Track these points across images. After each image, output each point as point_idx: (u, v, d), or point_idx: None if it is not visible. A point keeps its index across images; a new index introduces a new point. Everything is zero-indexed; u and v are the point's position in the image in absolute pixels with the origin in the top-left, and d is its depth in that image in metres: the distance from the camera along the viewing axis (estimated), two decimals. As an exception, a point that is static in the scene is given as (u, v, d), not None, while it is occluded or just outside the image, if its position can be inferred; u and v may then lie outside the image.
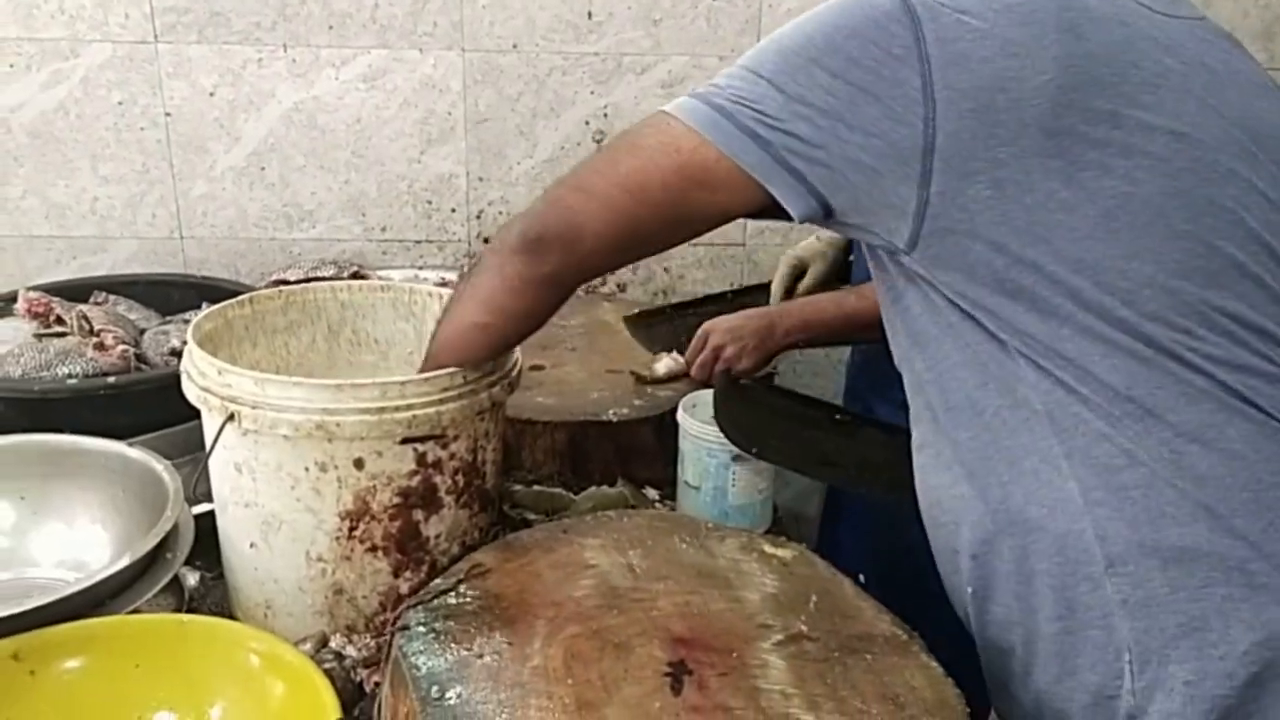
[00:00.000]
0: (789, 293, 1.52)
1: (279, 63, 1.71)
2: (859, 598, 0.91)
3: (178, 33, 1.68)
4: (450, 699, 0.73)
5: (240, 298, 1.13)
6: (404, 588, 1.00)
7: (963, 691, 0.82)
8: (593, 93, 1.76)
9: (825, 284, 1.53)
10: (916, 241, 0.80)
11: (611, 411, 1.31)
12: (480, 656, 0.78)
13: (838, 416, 1.29)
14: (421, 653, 0.78)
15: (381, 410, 0.94)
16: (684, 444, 1.23)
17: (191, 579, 1.12)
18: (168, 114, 1.72)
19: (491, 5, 1.70)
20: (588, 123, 1.78)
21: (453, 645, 0.79)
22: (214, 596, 1.10)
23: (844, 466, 1.22)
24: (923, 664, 0.85)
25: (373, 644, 1.00)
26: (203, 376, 0.97)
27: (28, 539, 1.11)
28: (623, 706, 0.75)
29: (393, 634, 0.80)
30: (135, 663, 0.90)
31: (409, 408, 0.95)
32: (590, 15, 1.71)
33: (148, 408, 1.27)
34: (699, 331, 1.37)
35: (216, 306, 1.10)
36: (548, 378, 1.43)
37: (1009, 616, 0.87)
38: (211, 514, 1.08)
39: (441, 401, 0.96)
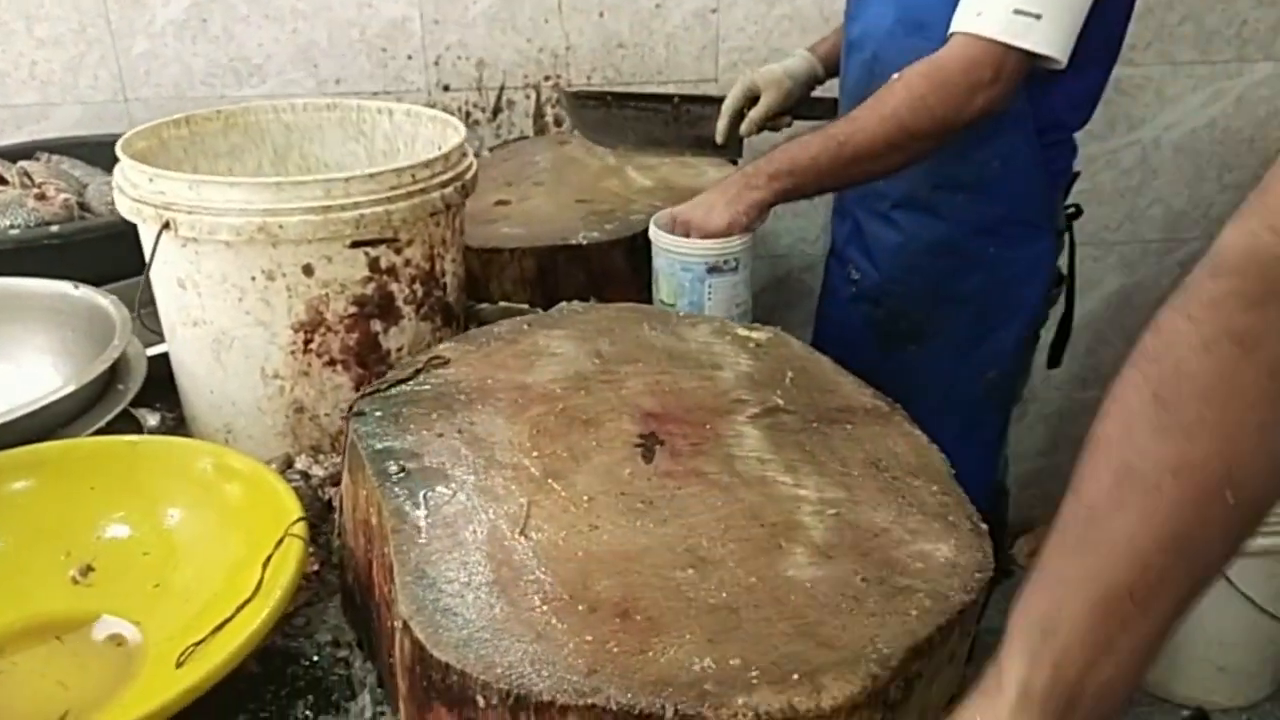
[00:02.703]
0: (739, 115, 1.47)
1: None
2: (838, 374, 0.87)
3: (102, -125, 1.58)
4: (410, 470, 0.70)
5: (175, 116, 1.07)
6: (364, 405, 0.96)
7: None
8: (548, -80, 1.67)
9: (776, 114, 1.49)
10: None
11: (581, 235, 1.26)
12: (441, 435, 0.74)
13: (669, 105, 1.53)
14: (377, 435, 0.74)
15: (327, 209, 0.88)
16: (658, 260, 1.18)
17: (151, 419, 1.07)
18: (100, -34, 1.63)
19: None
20: (545, -47, 1.69)
21: (411, 427, 0.75)
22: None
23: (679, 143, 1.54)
24: (906, 432, 0.81)
25: (339, 461, 0.96)
26: (134, 187, 0.92)
27: (-29, 383, 1.07)
28: (592, 474, 0.72)
29: (348, 419, 0.76)
30: (89, 484, 0.87)
31: (355, 206, 0.89)
32: None
33: (93, 256, 1.21)
34: (669, 214, 1.22)
35: (150, 124, 1.04)
36: (514, 211, 1.37)
37: None
38: (167, 356, 1.04)
39: (390, 200, 0.91)
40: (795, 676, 0.57)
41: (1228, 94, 1.91)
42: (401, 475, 0.70)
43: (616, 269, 1.26)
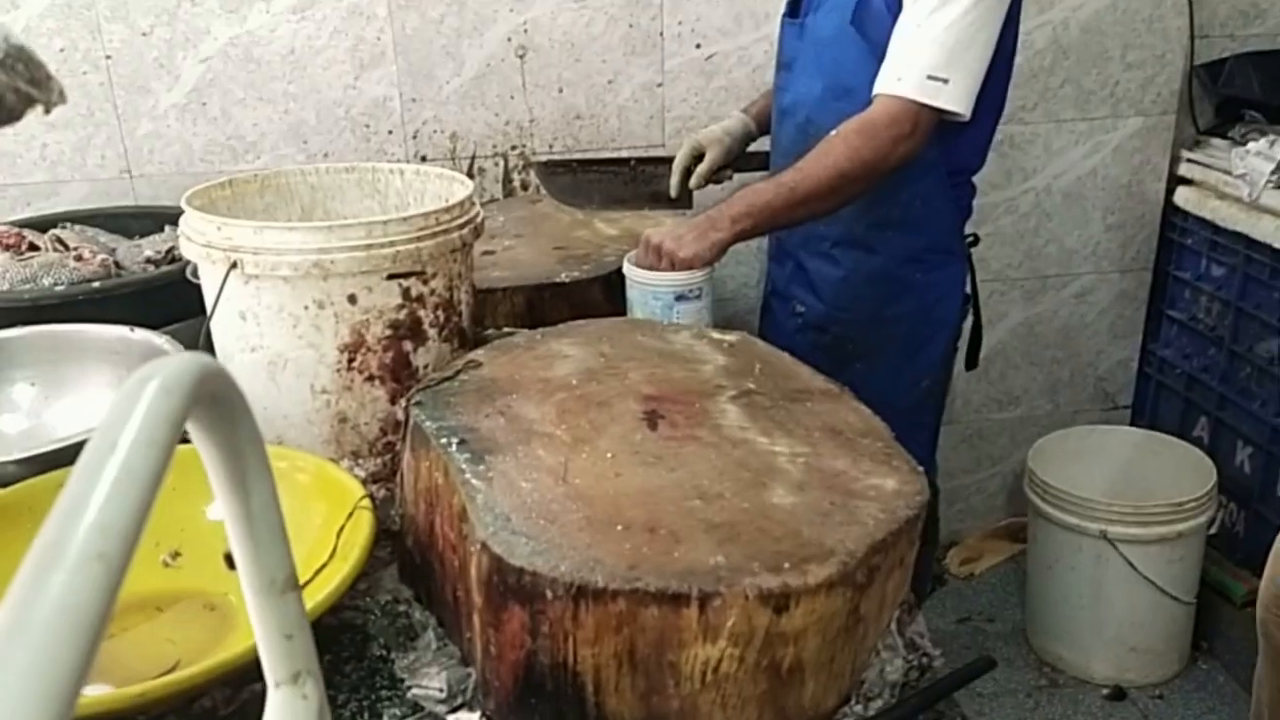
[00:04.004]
0: (687, 172, 1.69)
1: (211, 0, 1.80)
2: (796, 365, 1.07)
3: (111, -22, 1.77)
4: (467, 441, 0.87)
5: (221, 180, 1.24)
6: (399, 414, 1.13)
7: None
8: (511, 10, 1.89)
9: (719, 169, 1.70)
10: None
11: (564, 274, 1.45)
12: (487, 416, 0.92)
13: (627, 167, 1.73)
14: (435, 417, 0.92)
15: (370, 247, 1.07)
16: (631, 292, 1.38)
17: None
18: (108, 57, 1.81)
19: (409, -69, 1.82)
20: (509, 39, 1.91)
21: (461, 412, 0.93)
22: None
23: (638, 199, 1.74)
24: (854, 407, 1.01)
25: (378, 463, 1.13)
26: (202, 235, 1.09)
27: (43, 419, 1.21)
28: (610, 439, 0.90)
29: (408, 408, 0.94)
30: (171, 485, 1.01)
31: (392, 244, 1.08)
32: (495, -65, 1.84)
33: (134, 310, 1.37)
34: (642, 238, 1.42)
35: (201, 186, 1.21)
36: (500, 258, 1.56)
37: None
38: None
39: (420, 239, 1.09)
40: (786, 565, 0.75)
41: (1106, 146, 2.20)
42: (461, 444, 0.88)
43: (596, 302, 1.45)
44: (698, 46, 1.97)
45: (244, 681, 0.82)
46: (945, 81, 1.37)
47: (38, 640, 0.22)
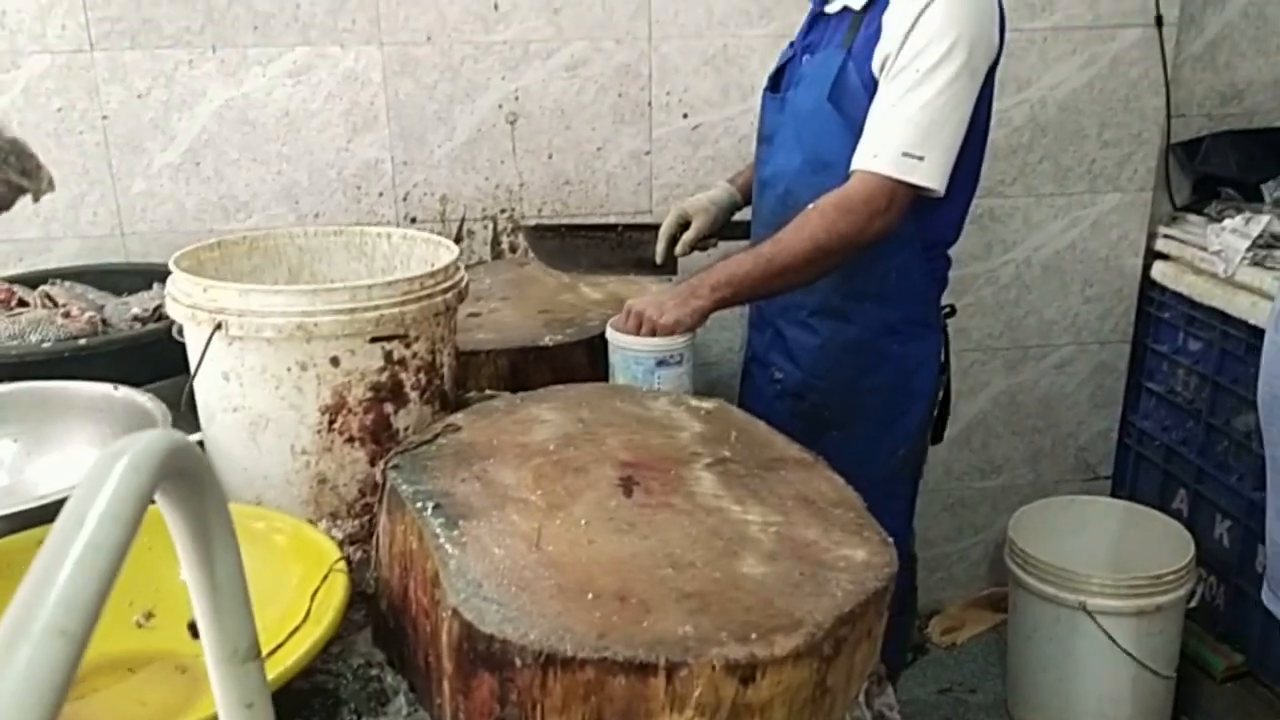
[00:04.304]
0: (673, 240, 1.72)
1: (209, 63, 1.84)
2: (771, 434, 1.09)
3: (112, 40, 1.80)
4: (442, 506, 0.88)
5: (210, 241, 1.26)
6: (378, 475, 1.14)
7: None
8: (503, 78, 1.93)
9: (705, 237, 1.74)
10: None
11: (548, 338, 1.47)
12: (463, 481, 0.93)
13: (614, 233, 1.78)
14: (412, 481, 0.93)
15: (354, 311, 1.08)
16: (613, 357, 1.40)
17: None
18: (105, 117, 1.84)
19: (405, 1, 1.86)
20: (500, 106, 1.95)
21: (438, 476, 0.94)
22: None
23: (624, 265, 1.77)
24: (828, 477, 1.02)
25: (355, 524, 1.14)
26: (188, 296, 1.10)
27: (25, 475, 1.22)
28: (585, 506, 0.91)
29: (385, 472, 0.95)
30: (148, 545, 1.01)
31: (376, 308, 1.09)
32: (496, 7, 1.89)
33: (120, 367, 1.38)
34: (625, 306, 1.44)
35: (190, 248, 1.23)
36: (485, 321, 1.58)
37: None
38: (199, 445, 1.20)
39: (404, 303, 1.11)
40: (754, 635, 0.76)
41: (1084, 220, 2.24)
42: (437, 508, 0.89)
43: (579, 366, 1.47)
44: (685, 116, 2.02)
45: (211, 745, 0.82)
46: (920, 159, 1.41)
47: (2, 713, 0.23)
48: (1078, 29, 2.10)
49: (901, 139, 1.41)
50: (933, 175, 1.42)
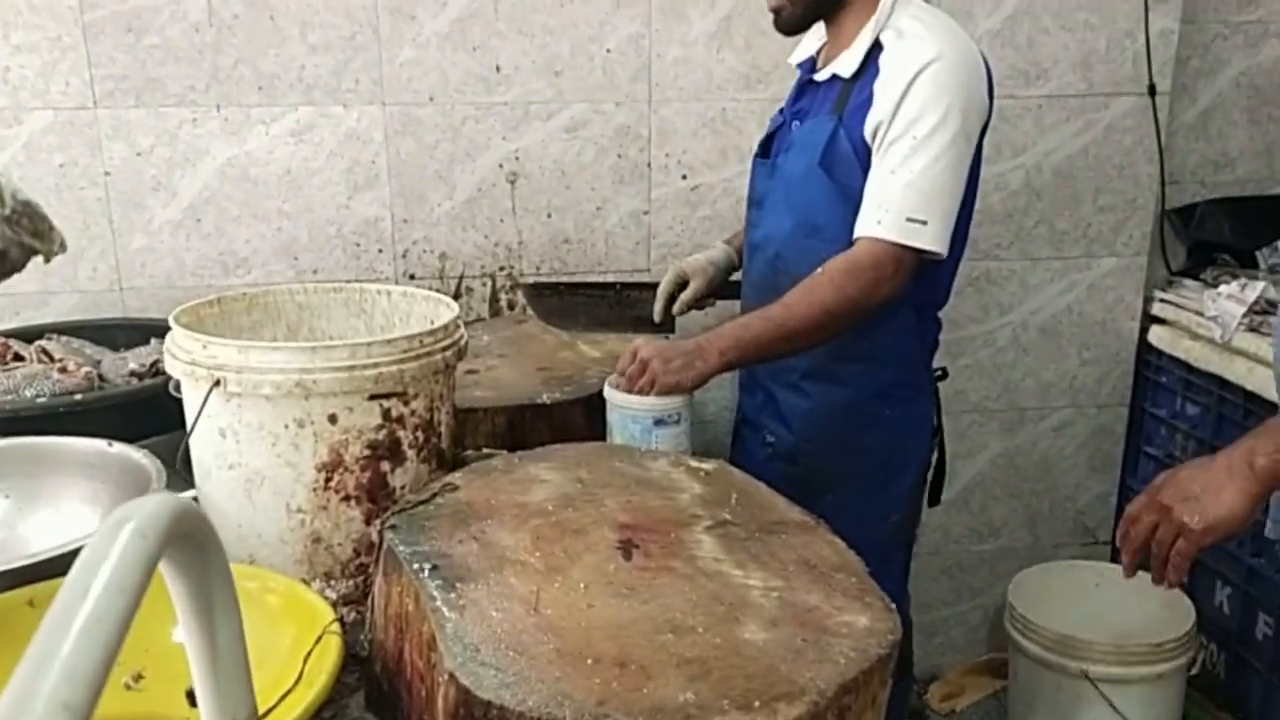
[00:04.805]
0: (671, 299, 1.73)
1: (213, 122, 1.86)
2: (772, 496, 1.08)
3: (116, 98, 1.82)
4: (440, 567, 0.87)
5: (209, 298, 1.26)
6: (374, 535, 1.13)
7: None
8: (504, 138, 1.95)
9: (703, 296, 1.75)
10: None
11: (546, 395, 1.46)
12: (460, 542, 0.92)
13: (613, 291, 1.81)
14: (409, 542, 0.91)
15: (352, 369, 1.08)
16: (611, 416, 1.39)
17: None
18: (107, 173, 1.85)
19: (409, 63, 1.89)
20: (501, 165, 1.96)
21: (435, 536, 0.93)
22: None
23: (622, 323, 1.78)
24: (829, 540, 1.01)
25: (349, 584, 1.12)
26: (187, 353, 1.10)
27: (17, 531, 1.20)
28: (584, 569, 0.90)
29: (382, 532, 0.94)
30: (150, 605, 1.01)
31: (375, 366, 1.09)
32: (498, 69, 1.92)
33: (115, 423, 1.37)
34: (629, 347, 1.44)
35: (189, 304, 1.23)
36: (483, 378, 1.57)
37: None
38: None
39: (403, 361, 1.11)
40: (756, 704, 0.74)
41: (1080, 284, 2.26)
42: (434, 570, 0.87)
43: (576, 424, 1.46)
44: (684, 178, 2.04)
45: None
46: (924, 223, 1.42)
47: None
48: (1072, 97, 2.13)
49: (904, 205, 1.42)
50: (936, 239, 1.44)
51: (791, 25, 1.58)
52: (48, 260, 0.56)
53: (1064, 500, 2.41)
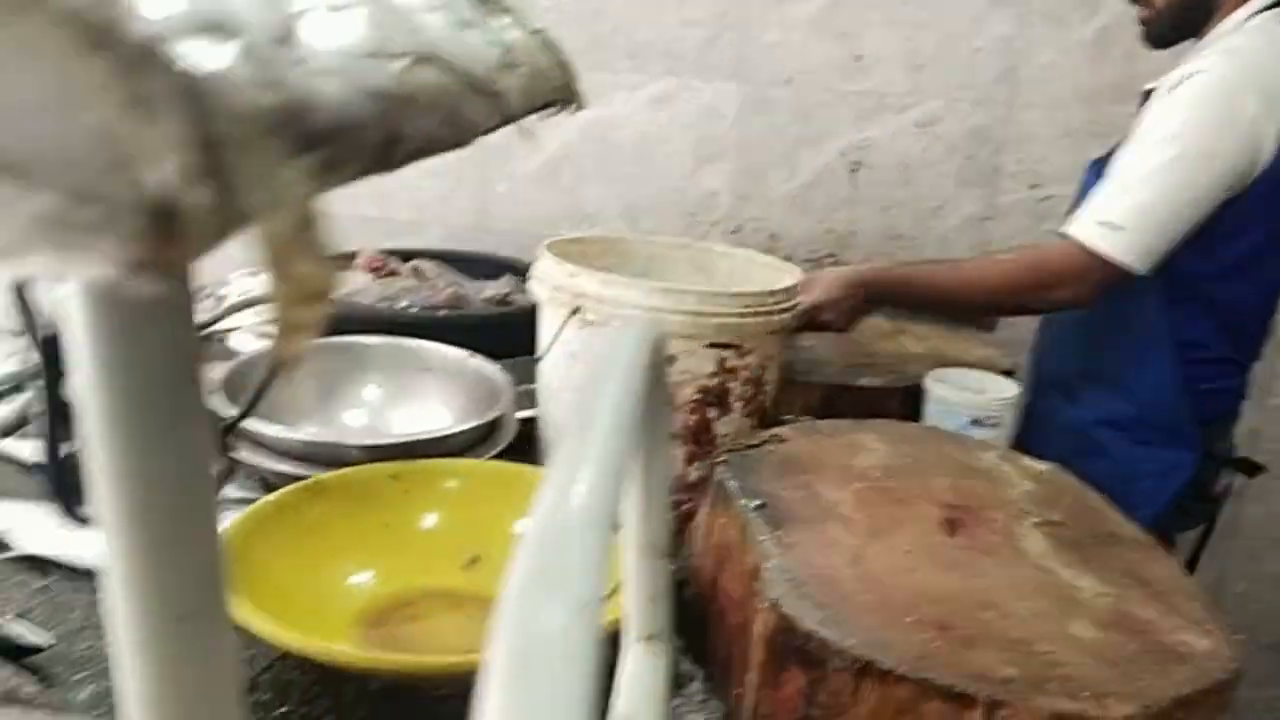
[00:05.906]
0: None
1: (583, 84, 1.99)
2: (1109, 507, 1.03)
3: (504, 55, 1.99)
4: (767, 506, 0.90)
5: (573, 236, 1.36)
6: (692, 475, 1.18)
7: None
8: (853, 126, 1.96)
9: None
10: None
11: (865, 379, 1.47)
12: (786, 489, 0.95)
13: None
14: (739, 479, 0.95)
15: (698, 314, 1.13)
16: (927, 407, 1.37)
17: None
18: (485, 123, 2.03)
19: (773, 44, 1.94)
20: (844, 154, 1.98)
21: (764, 479, 0.96)
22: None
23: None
24: (1165, 562, 0.95)
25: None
26: (553, 279, 1.19)
27: (384, 417, 1.35)
28: (907, 535, 0.90)
29: (713, 465, 0.98)
30: (487, 496, 1.11)
31: (718, 315, 1.14)
32: (859, 57, 1.93)
33: (471, 339, 1.51)
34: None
35: (557, 239, 1.33)
36: (802, 354, 1.60)
37: None
38: (530, 420, 1.29)
39: (743, 315, 1.15)
40: (1086, 694, 0.72)
41: None
42: (761, 507, 0.90)
43: (890, 413, 1.44)
44: (1032, 187, 1.96)
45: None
46: (1120, 229, 1.32)
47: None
48: None
49: (1105, 206, 1.35)
50: (1131, 250, 1.33)
51: (1158, 38, 1.52)
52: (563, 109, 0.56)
53: None
